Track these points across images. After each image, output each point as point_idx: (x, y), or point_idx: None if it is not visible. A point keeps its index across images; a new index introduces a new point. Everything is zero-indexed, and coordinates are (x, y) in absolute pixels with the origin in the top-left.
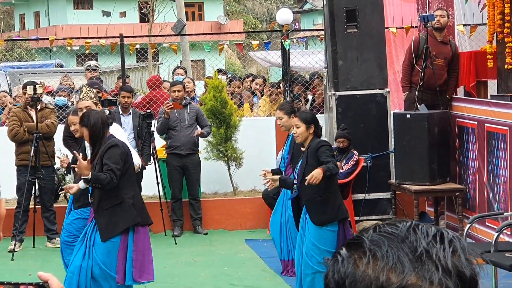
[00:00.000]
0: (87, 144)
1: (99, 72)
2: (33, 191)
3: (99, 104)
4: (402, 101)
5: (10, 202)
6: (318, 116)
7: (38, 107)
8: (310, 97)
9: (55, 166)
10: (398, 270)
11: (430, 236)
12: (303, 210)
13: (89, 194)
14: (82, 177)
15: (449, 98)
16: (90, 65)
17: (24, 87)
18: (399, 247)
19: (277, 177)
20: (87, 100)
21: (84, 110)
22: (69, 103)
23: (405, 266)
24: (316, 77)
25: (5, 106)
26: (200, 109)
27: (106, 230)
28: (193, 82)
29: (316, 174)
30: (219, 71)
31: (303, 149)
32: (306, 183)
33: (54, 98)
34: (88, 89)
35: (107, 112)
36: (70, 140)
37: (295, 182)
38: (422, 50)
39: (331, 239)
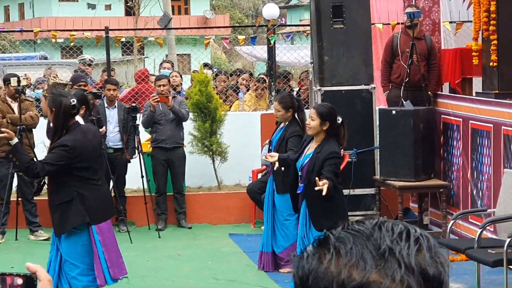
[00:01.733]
0: None
1: (92, 66)
2: (14, 184)
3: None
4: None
5: None
6: (305, 111)
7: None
8: (294, 91)
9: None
10: (360, 267)
11: (396, 234)
12: (303, 214)
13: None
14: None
15: (431, 94)
16: (84, 59)
17: (7, 79)
18: (363, 244)
19: (276, 155)
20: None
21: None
22: None
23: (368, 263)
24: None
25: None
26: (184, 100)
27: (58, 225)
28: (181, 76)
29: (327, 186)
30: (205, 65)
31: (309, 147)
32: (316, 189)
33: (33, 91)
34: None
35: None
36: None
37: (299, 180)
38: (397, 48)
39: None
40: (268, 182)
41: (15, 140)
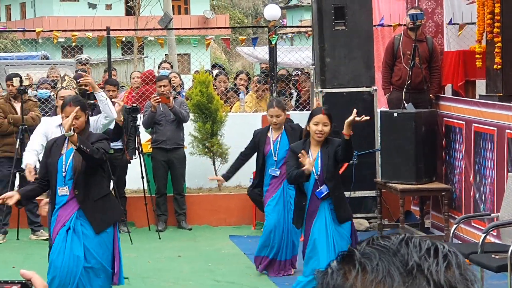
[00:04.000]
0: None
1: (91, 65)
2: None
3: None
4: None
5: None
6: (304, 113)
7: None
8: (294, 93)
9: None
10: (387, 284)
11: (423, 250)
12: (323, 217)
13: (67, 187)
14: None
15: (433, 97)
16: (81, 59)
17: (9, 79)
18: (390, 261)
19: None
20: (70, 89)
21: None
22: (53, 96)
23: (395, 280)
24: (300, 73)
25: None
26: (185, 101)
27: (99, 222)
28: (180, 76)
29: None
30: (214, 66)
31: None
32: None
33: (36, 91)
34: (70, 78)
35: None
36: None
37: (317, 179)
38: (398, 50)
39: (348, 238)
40: (282, 191)
41: (71, 132)
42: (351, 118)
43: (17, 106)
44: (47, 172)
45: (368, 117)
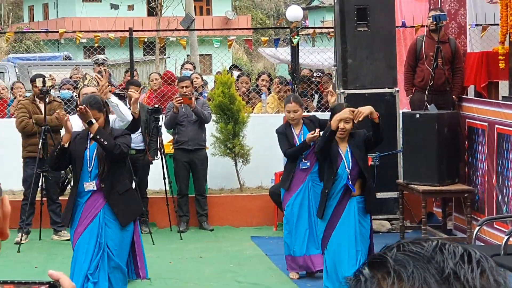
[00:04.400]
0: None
1: (107, 65)
2: (39, 184)
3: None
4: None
5: (17, 194)
6: (326, 114)
7: (47, 100)
8: (316, 95)
9: None
10: None
11: (458, 256)
12: (350, 203)
13: (94, 182)
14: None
15: (456, 98)
16: (98, 59)
17: (33, 79)
18: (425, 268)
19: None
20: (92, 86)
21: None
22: (75, 96)
23: None
24: (322, 75)
25: (15, 97)
26: (206, 102)
27: (125, 215)
28: (201, 77)
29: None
30: (234, 67)
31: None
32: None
33: (59, 91)
34: (92, 76)
35: None
36: None
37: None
38: (421, 51)
39: (368, 238)
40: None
41: (94, 121)
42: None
43: (42, 106)
44: (71, 159)
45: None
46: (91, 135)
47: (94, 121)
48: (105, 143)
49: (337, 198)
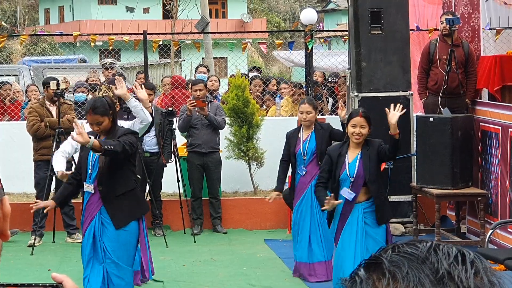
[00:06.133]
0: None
1: (116, 71)
2: (52, 186)
3: (117, 103)
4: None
5: (31, 197)
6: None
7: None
8: (331, 99)
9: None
10: None
11: (452, 257)
12: (356, 214)
13: (92, 184)
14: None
15: (469, 102)
16: (106, 63)
17: (46, 82)
18: (419, 268)
19: (337, 202)
20: None
21: None
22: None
23: None
24: (337, 79)
25: (29, 100)
26: (220, 105)
27: (120, 217)
28: (219, 80)
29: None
30: (254, 68)
31: (347, 156)
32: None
33: (73, 94)
34: (107, 87)
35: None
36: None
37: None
38: (434, 55)
39: (383, 243)
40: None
41: (93, 139)
42: (391, 117)
43: (53, 109)
44: (81, 166)
45: (402, 108)
46: (98, 153)
47: (91, 142)
48: (112, 148)
49: (341, 204)
